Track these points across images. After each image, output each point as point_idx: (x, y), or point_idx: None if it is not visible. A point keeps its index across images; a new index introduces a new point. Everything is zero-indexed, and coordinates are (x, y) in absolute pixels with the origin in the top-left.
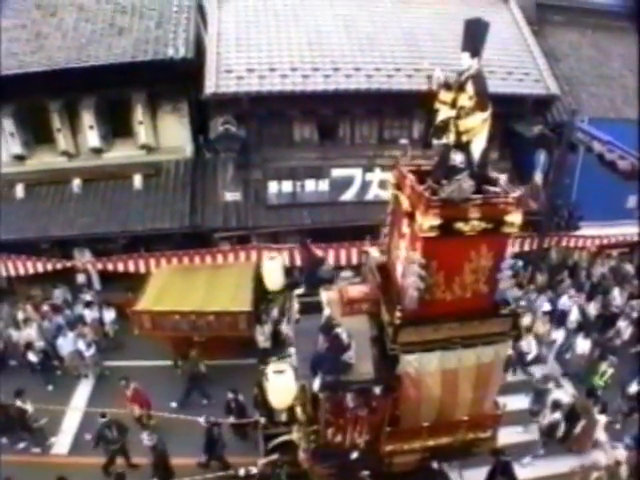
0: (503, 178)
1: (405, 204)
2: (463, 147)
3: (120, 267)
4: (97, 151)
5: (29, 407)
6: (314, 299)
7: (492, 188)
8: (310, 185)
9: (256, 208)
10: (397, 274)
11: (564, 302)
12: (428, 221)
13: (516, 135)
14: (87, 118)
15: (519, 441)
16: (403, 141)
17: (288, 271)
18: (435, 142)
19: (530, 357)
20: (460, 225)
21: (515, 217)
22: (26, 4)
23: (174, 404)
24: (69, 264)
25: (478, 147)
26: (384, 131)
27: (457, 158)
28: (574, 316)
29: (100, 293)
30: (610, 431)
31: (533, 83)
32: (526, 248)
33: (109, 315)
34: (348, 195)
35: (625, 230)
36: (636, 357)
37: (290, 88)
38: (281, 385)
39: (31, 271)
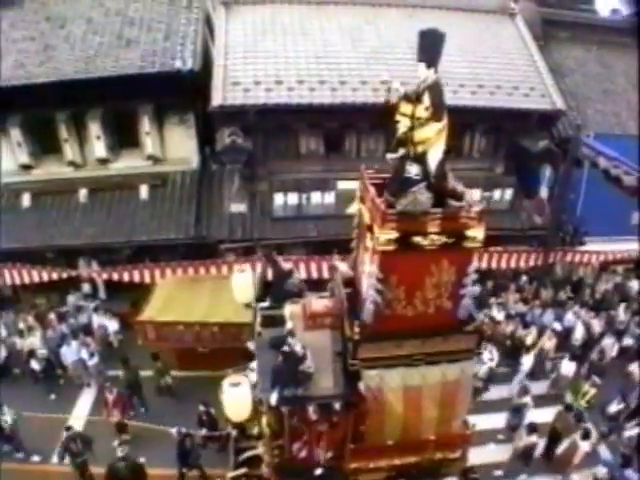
0: (469, 192)
1: (366, 217)
2: (419, 159)
3: (125, 277)
4: (104, 161)
5: (8, 419)
6: (277, 312)
7: (455, 203)
8: (316, 197)
9: (262, 220)
10: (363, 289)
11: (569, 319)
12: (384, 234)
13: (522, 150)
14: (94, 129)
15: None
16: None
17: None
18: (389, 156)
19: (492, 364)
20: (418, 239)
21: (477, 232)
22: (36, 16)
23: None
24: (74, 274)
25: (434, 158)
26: (390, 145)
27: (412, 170)
28: (579, 333)
29: (104, 303)
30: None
31: (539, 98)
32: (531, 263)
33: (113, 325)
34: (354, 208)
35: (630, 246)
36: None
37: (297, 101)
38: (236, 398)
39: (36, 280)
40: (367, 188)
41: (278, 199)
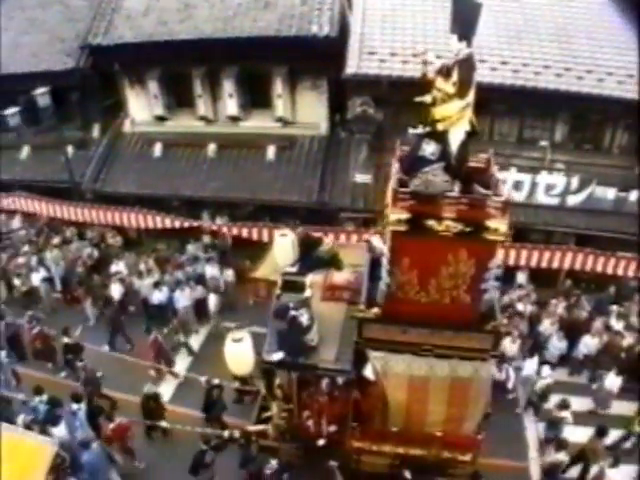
0: (504, 181)
1: (388, 195)
2: (438, 137)
3: (244, 233)
4: (234, 119)
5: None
6: (301, 279)
7: (482, 190)
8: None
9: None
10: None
11: None
12: (395, 214)
13: None
14: (228, 87)
15: None
16: (543, 143)
17: None
18: (410, 131)
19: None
20: (432, 223)
21: (498, 223)
22: None
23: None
24: (196, 224)
25: (456, 138)
26: (524, 130)
27: (428, 149)
28: None
29: (224, 256)
30: None
31: None
32: None
33: (228, 273)
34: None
35: None
36: None
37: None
38: (238, 353)
39: (159, 226)
40: (393, 164)
41: None
